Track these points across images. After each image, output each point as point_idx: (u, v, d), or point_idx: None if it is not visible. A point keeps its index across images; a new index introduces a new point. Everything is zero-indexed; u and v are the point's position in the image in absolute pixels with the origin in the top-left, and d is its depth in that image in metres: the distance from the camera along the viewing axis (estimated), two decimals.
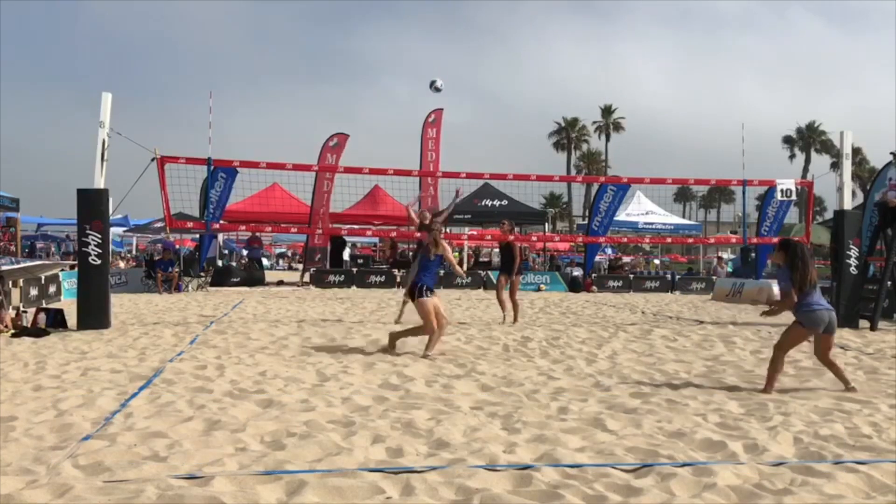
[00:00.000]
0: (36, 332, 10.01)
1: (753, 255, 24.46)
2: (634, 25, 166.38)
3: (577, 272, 25.10)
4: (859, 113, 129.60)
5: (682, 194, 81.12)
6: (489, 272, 25.18)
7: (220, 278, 23.52)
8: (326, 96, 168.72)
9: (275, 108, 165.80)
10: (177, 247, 26.77)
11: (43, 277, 15.30)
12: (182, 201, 13.43)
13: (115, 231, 30.18)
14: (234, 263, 32.77)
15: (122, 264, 28.78)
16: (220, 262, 26.96)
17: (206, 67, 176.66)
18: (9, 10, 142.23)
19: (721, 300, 20.14)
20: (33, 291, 14.54)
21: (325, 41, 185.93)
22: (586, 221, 26.28)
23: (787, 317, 6.77)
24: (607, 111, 76.24)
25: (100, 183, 11.18)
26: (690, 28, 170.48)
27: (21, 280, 14.04)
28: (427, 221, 12.60)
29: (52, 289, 15.89)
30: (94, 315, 10.86)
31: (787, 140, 76.71)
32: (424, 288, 8.59)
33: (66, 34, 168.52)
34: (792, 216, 32.99)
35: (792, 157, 76.58)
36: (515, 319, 12.52)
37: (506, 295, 12.55)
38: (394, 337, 8.84)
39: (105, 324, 10.92)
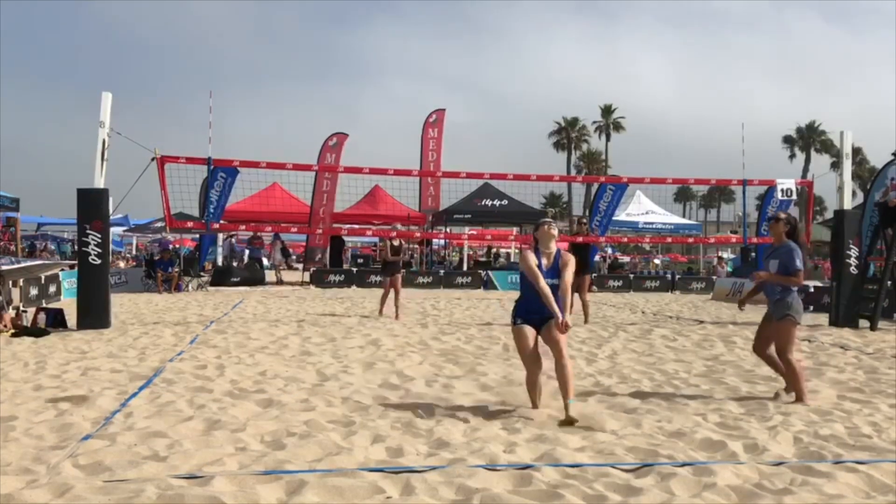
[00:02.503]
0: (36, 331, 10.01)
1: (753, 254, 24.45)
2: (635, 25, 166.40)
3: None
4: (859, 113, 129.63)
5: (683, 194, 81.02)
6: (489, 272, 25.19)
7: (220, 278, 23.52)
8: (327, 95, 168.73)
9: (275, 107, 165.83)
10: (173, 246, 26.74)
11: (43, 277, 15.30)
12: (182, 201, 13.41)
13: (114, 231, 30.17)
14: (234, 263, 32.79)
15: (122, 264, 28.78)
16: (234, 262, 27.16)
17: (207, 67, 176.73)
18: (9, 10, 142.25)
19: (721, 300, 20.14)
20: (33, 291, 14.54)
21: (326, 40, 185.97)
22: (586, 221, 26.24)
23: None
24: (607, 111, 76.13)
25: (100, 183, 11.18)
26: (691, 27, 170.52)
27: (21, 280, 14.05)
28: (396, 243, 13.56)
29: (52, 289, 15.89)
30: (94, 315, 10.86)
31: (787, 140, 76.58)
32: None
33: (67, 34, 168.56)
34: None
35: (792, 156, 76.47)
36: (587, 319, 12.68)
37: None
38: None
39: (105, 324, 10.92)
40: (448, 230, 26.69)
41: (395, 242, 13.71)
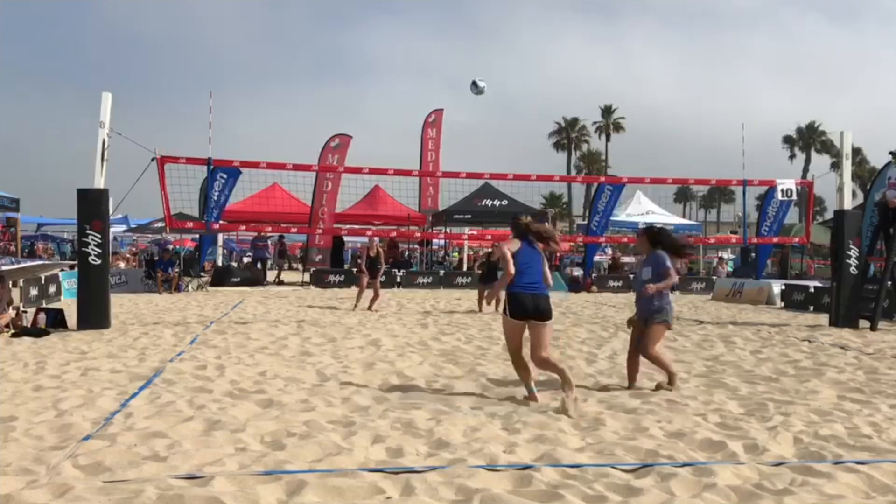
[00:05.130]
0: (36, 332, 10.01)
1: (753, 255, 24.47)
2: (635, 25, 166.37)
3: (577, 272, 25.09)
4: (860, 113, 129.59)
5: (683, 194, 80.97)
6: None
7: (220, 278, 23.53)
8: (328, 95, 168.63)
9: (276, 107, 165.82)
10: (170, 246, 26.74)
11: (43, 277, 15.30)
12: (182, 201, 13.43)
13: (115, 231, 30.17)
14: (234, 263, 32.81)
15: (122, 264, 28.78)
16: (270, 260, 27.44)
17: (207, 67, 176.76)
18: (9, 10, 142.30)
19: (721, 300, 20.14)
20: (33, 291, 14.54)
21: (328, 40, 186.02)
22: (586, 221, 26.29)
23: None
24: (607, 111, 76.21)
25: (100, 183, 11.17)
26: (691, 27, 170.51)
27: (21, 280, 14.04)
28: (373, 253, 14.97)
29: (52, 289, 15.89)
30: (94, 315, 10.85)
31: (788, 140, 76.67)
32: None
33: (67, 34, 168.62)
34: (792, 216, 32.99)
35: (792, 157, 76.57)
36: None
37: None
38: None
39: (105, 324, 10.92)
40: (448, 230, 26.68)
41: (373, 254, 15.17)
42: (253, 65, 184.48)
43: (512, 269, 5.87)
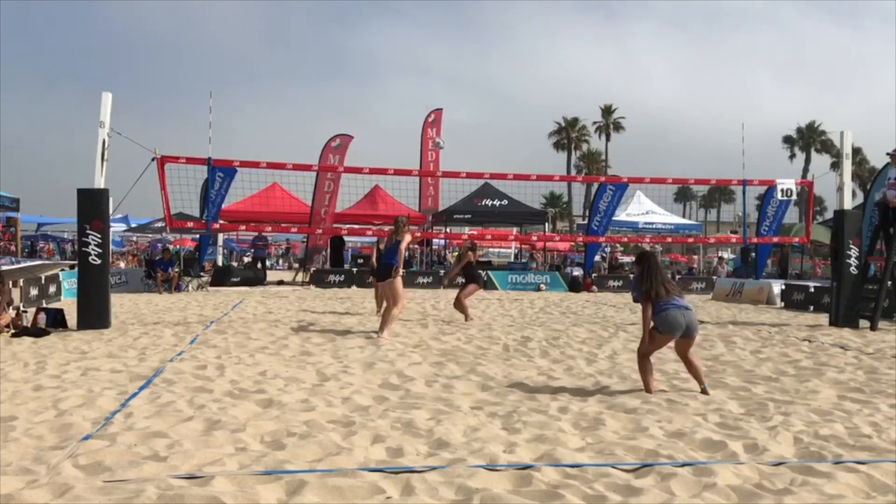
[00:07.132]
0: (36, 332, 10.01)
1: (753, 254, 24.48)
2: (635, 25, 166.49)
3: (577, 272, 25.09)
4: (860, 113, 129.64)
5: (683, 194, 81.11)
6: (489, 272, 25.18)
7: (220, 278, 23.54)
8: (329, 95, 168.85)
9: (276, 107, 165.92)
10: (169, 246, 26.77)
11: (43, 277, 15.30)
12: (182, 201, 13.42)
13: (115, 231, 30.17)
14: (234, 263, 32.80)
15: (122, 264, 28.78)
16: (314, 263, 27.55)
17: (208, 67, 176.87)
18: (9, 10, 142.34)
19: (721, 300, 20.14)
20: (33, 291, 14.54)
21: (329, 40, 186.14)
22: (586, 221, 26.29)
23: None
24: (607, 111, 76.15)
25: (100, 183, 11.17)
26: (691, 28, 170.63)
27: (21, 280, 14.05)
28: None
29: (52, 289, 15.89)
30: (94, 315, 10.85)
31: (788, 140, 76.60)
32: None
33: (67, 34, 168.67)
34: (792, 216, 33.04)
35: (792, 156, 76.51)
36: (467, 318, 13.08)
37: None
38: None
39: (105, 324, 10.92)
40: (448, 230, 26.69)
41: (382, 246, 14.29)
42: (253, 65, 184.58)
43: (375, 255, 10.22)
